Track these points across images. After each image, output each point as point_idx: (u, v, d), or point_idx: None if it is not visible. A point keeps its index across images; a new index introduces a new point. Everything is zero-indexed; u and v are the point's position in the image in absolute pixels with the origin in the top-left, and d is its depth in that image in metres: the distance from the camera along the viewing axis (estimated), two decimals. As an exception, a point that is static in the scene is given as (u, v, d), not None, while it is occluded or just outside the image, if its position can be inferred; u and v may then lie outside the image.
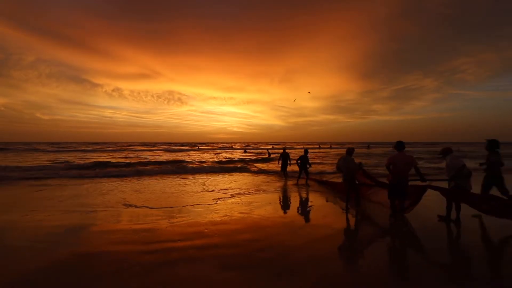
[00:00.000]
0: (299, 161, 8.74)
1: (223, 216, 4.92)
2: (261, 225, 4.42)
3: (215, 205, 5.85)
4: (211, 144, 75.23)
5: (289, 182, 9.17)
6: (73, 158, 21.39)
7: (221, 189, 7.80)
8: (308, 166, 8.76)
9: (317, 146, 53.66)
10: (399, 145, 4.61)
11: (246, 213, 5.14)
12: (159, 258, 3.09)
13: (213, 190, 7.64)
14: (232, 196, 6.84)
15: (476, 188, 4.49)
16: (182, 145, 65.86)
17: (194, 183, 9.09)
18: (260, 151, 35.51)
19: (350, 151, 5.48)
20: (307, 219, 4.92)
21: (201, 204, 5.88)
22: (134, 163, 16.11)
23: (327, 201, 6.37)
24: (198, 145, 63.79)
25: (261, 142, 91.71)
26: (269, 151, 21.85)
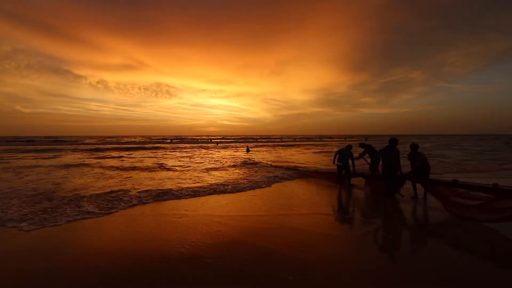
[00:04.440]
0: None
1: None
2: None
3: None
4: (192, 137, 73.39)
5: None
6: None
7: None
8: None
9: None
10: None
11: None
12: None
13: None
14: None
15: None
16: (164, 139, 63.68)
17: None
18: (238, 148, 29.79)
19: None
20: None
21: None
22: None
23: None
24: (171, 138, 62.70)
25: (249, 136, 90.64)
26: (248, 146, 21.48)
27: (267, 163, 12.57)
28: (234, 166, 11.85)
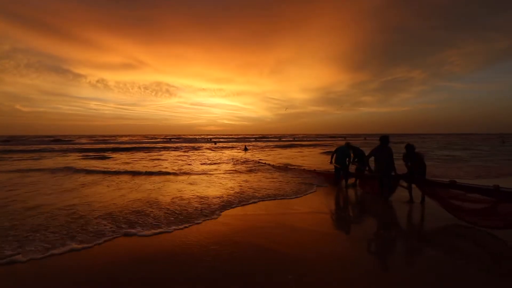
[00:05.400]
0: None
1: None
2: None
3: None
4: (192, 136, 73.05)
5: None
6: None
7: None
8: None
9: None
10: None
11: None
12: None
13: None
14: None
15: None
16: (163, 138, 63.45)
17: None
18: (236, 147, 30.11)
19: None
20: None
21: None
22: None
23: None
24: (171, 138, 62.47)
25: (249, 135, 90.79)
26: (246, 145, 22.20)
27: (265, 163, 12.38)
28: (236, 171, 10.12)
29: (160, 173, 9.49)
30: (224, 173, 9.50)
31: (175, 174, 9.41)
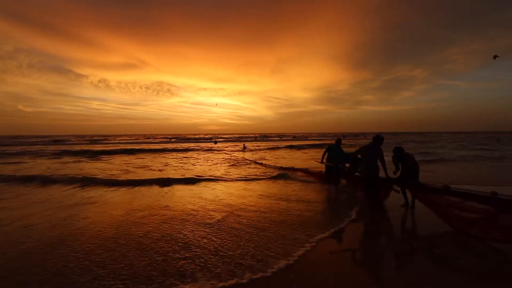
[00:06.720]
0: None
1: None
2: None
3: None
4: (193, 135, 72.84)
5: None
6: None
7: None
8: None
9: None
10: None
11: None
12: None
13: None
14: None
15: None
16: (164, 138, 63.38)
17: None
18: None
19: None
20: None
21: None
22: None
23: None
24: (170, 137, 62.36)
25: (247, 134, 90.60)
26: (245, 144, 23.51)
27: (264, 163, 12.44)
28: (251, 178, 8.58)
29: (167, 179, 8.18)
30: (235, 180, 8.25)
31: (188, 181, 8.14)
